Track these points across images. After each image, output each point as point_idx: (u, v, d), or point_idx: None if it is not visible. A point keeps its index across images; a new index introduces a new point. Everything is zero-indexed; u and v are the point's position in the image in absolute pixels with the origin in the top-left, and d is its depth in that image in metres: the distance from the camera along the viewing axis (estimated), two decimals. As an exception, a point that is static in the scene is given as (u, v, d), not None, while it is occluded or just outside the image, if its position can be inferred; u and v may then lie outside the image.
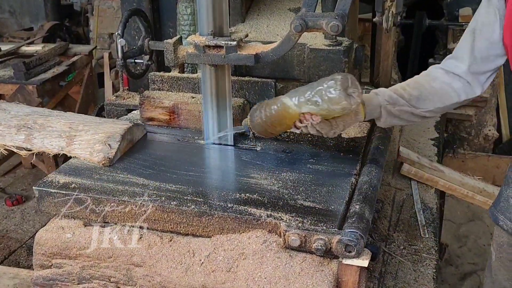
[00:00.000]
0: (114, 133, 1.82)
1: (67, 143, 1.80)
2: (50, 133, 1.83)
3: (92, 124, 1.87)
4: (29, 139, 1.83)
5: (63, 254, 1.60)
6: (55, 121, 1.88)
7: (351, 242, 1.37)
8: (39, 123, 1.87)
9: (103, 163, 1.76)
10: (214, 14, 1.74)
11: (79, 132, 1.83)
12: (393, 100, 1.77)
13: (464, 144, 4.68)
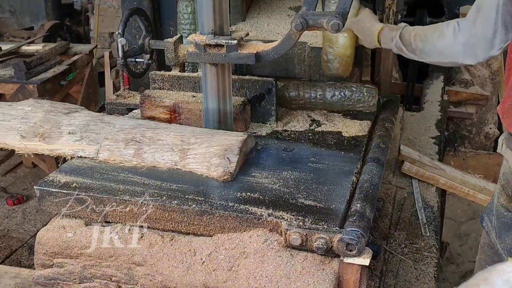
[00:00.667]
0: (230, 145, 1.70)
1: (180, 157, 1.70)
2: (161, 147, 1.73)
3: (204, 136, 1.76)
4: (139, 153, 1.73)
5: (65, 254, 1.60)
6: (164, 133, 1.77)
7: (352, 241, 1.37)
8: (148, 136, 1.76)
9: (224, 178, 1.65)
10: (215, 13, 1.74)
11: (192, 145, 1.72)
12: (399, 48, 1.99)
13: (465, 142, 4.67)
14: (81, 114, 1.93)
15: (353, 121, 2.13)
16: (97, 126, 1.83)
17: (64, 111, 1.92)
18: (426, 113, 3.23)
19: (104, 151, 1.75)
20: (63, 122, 1.86)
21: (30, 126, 1.84)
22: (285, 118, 2.18)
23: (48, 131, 1.82)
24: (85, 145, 1.78)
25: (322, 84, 2.23)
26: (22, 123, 1.86)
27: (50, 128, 1.83)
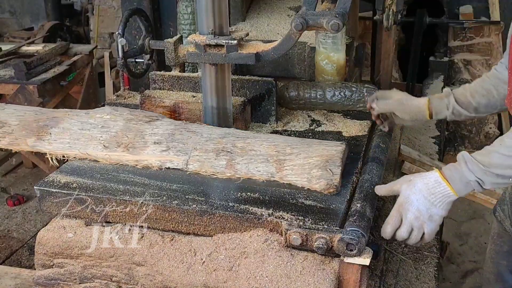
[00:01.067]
0: (331, 156, 1.63)
1: (277, 169, 1.62)
2: (255, 158, 1.65)
3: (300, 146, 1.68)
4: (231, 164, 1.64)
5: (65, 254, 1.60)
6: (256, 143, 1.69)
7: (353, 241, 1.37)
8: (239, 147, 1.68)
9: (329, 191, 1.57)
10: (214, 13, 1.74)
11: (288, 155, 1.64)
12: (457, 113, 1.83)
13: (465, 142, 4.68)
14: (163, 122, 1.83)
15: (353, 121, 2.13)
16: (183, 136, 1.74)
17: (145, 119, 1.83)
18: (426, 113, 3.21)
19: (194, 162, 1.66)
20: (146, 131, 1.77)
21: (112, 136, 1.75)
22: (285, 118, 2.18)
23: (131, 140, 1.74)
24: (173, 155, 1.68)
25: (322, 84, 2.23)
26: (103, 132, 1.77)
27: (134, 137, 1.74)
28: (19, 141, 1.77)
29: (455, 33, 4.50)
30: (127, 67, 2.21)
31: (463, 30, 4.44)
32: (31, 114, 1.89)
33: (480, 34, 4.39)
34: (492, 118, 4.63)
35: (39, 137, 1.78)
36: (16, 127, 1.82)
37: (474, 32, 4.40)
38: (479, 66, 4.47)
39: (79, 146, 1.74)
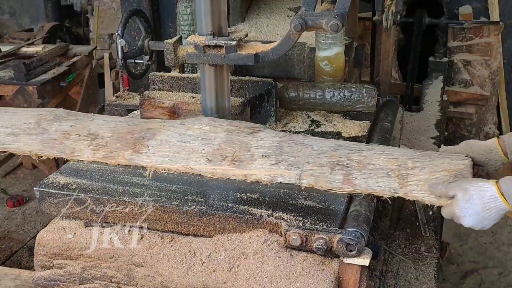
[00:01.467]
0: (459, 170, 1.53)
1: (399, 184, 1.50)
2: (374, 172, 1.54)
3: (422, 160, 1.58)
4: (349, 179, 1.53)
5: (64, 255, 1.60)
6: (373, 156, 1.60)
7: (352, 241, 1.37)
8: (356, 160, 1.58)
9: None
10: (213, 14, 1.74)
11: (411, 170, 1.54)
12: None
13: (465, 143, 4.67)
14: (266, 133, 1.72)
15: (353, 122, 2.13)
16: (292, 148, 1.64)
17: (247, 130, 1.72)
18: (425, 113, 3.23)
19: (307, 176, 1.54)
20: (251, 143, 1.66)
21: (215, 148, 1.64)
22: (285, 118, 2.18)
23: (237, 154, 1.63)
24: (284, 169, 1.57)
25: (321, 85, 2.23)
26: (204, 145, 1.66)
27: (239, 150, 1.64)
28: (114, 154, 1.65)
29: (454, 34, 4.50)
30: (127, 68, 2.21)
31: (462, 30, 4.44)
32: (123, 125, 1.77)
33: (479, 35, 4.39)
34: (492, 118, 4.63)
35: (136, 150, 1.66)
36: (109, 140, 1.70)
37: (474, 33, 4.40)
38: (478, 67, 4.47)
39: (180, 160, 1.61)
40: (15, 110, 1.89)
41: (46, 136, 1.73)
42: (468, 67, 4.50)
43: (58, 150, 1.68)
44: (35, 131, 1.75)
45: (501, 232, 3.93)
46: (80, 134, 1.73)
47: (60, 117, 1.81)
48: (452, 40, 4.52)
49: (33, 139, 1.72)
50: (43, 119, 1.79)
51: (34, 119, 1.80)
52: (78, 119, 1.82)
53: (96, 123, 1.79)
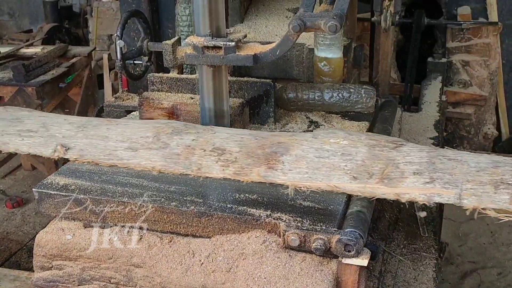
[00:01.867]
0: None
1: None
2: None
3: None
4: None
5: (63, 256, 1.60)
6: None
7: (350, 242, 1.37)
8: None
9: None
10: (211, 15, 1.75)
11: None
12: None
13: (464, 143, 4.68)
14: (410, 148, 1.59)
15: (352, 122, 2.14)
16: (446, 165, 1.50)
17: (390, 145, 1.59)
18: (424, 113, 3.23)
19: (468, 196, 1.43)
20: (398, 159, 1.53)
21: (359, 165, 1.52)
22: (284, 119, 2.18)
23: (386, 171, 1.51)
24: (440, 188, 1.45)
25: (320, 86, 2.23)
26: (346, 160, 1.53)
27: (386, 167, 1.51)
28: (246, 171, 1.56)
29: (453, 34, 4.51)
30: (126, 69, 2.22)
31: (461, 31, 4.45)
32: (250, 138, 1.65)
33: (478, 35, 4.40)
34: (491, 118, 4.64)
35: (270, 166, 1.55)
36: (238, 155, 1.59)
37: (472, 33, 4.41)
38: (477, 67, 4.47)
39: (320, 177, 1.51)
40: (127, 122, 1.78)
41: (168, 151, 1.62)
42: (466, 68, 4.51)
43: (183, 166, 1.59)
44: (154, 145, 1.64)
45: (500, 232, 3.93)
46: (205, 149, 1.60)
47: (179, 130, 1.68)
48: (451, 40, 4.53)
49: (154, 154, 1.62)
50: (162, 132, 1.67)
51: (151, 132, 1.67)
52: (199, 132, 1.68)
53: (219, 136, 1.66)
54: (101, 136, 1.69)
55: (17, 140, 1.75)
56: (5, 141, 1.75)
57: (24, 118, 1.82)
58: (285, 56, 2.30)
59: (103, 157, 1.65)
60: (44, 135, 1.73)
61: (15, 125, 1.79)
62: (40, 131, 1.75)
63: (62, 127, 1.75)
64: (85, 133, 1.71)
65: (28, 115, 1.85)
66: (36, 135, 1.74)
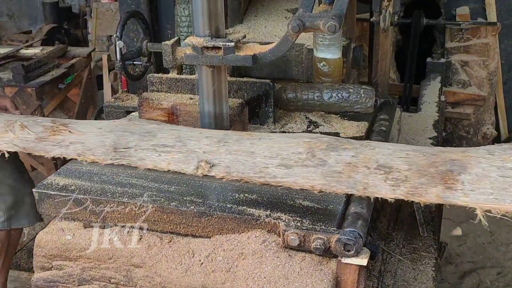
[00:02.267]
0: None
1: None
2: None
3: None
4: None
5: (63, 256, 1.60)
6: None
7: (350, 241, 1.37)
8: None
9: None
10: (210, 15, 1.75)
11: None
12: None
13: (463, 143, 4.69)
14: None
15: (351, 122, 2.14)
16: None
17: None
18: (423, 114, 3.24)
19: None
20: None
21: None
22: (283, 119, 2.19)
23: None
24: None
25: (319, 86, 2.24)
26: None
27: None
28: (420, 191, 1.45)
29: (452, 34, 4.51)
30: (125, 70, 2.22)
31: (460, 31, 4.45)
32: (418, 155, 1.52)
33: (477, 35, 4.41)
34: (490, 118, 4.64)
35: (448, 187, 1.44)
36: (408, 173, 1.47)
37: (471, 33, 4.42)
38: (476, 67, 4.48)
39: (509, 198, 1.40)
40: (271, 136, 1.64)
41: (327, 168, 1.50)
42: (465, 68, 4.52)
43: (346, 186, 1.48)
44: (310, 162, 1.51)
45: (499, 232, 3.94)
46: (368, 166, 1.49)
47: (334, 145, 1.55)
48: (450, 41, 4.53)
49: (311, 172, 1.50)
50: (315, 148, 1.54)
51: (302, 147, 1.55)
52: (357, 148, 1.56)
53: (381, 152, 1.53)
54: (247, 152, 1.58)
55: (154, 156, 1.63)
56: (141, 156, 1.65)
57: (156, 132, 1.70)
58: (284, 56, 2.30)
59: (253, 174, 1.54)
60: (183, 150, 1.62)
61: (148, 139, 1.67)
62: (176, 145, 1.64)
63: (200, 141, 1.63)
64: (228, 148, 1.60)
65: (158, 128, 1.72)
66: (173, 150, 1.63)
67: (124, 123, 1.77)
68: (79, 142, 1.71)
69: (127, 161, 1.66)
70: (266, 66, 2.38)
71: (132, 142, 1.68)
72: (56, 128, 1.76)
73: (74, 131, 1.74)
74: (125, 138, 1.69)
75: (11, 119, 1.82)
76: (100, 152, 1.68)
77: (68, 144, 1.71)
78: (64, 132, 1.75)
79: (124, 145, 1.67)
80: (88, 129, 1.75)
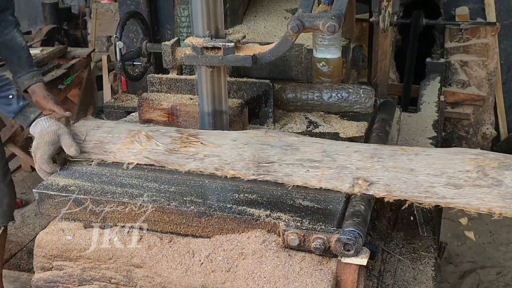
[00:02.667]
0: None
1: None
2: None
3: None
4: None
5: (64, 256, 1.61)
6: None
7: (350, 241, 1.38)
8: None
9: None
10: (209, 16, 1.75)
11: None
12: None
13: (463, 143, 4.69)
14: None
15: (350, 122, 2.14)
16: None
17: None
18: (423, 114, 3.24)
19: None
20: None
21: None
22: (283, 120, 2.19)
23: None
24: None
25: (319, 86, 2.24)
26: None
27: None
28: None
29: (451, 34, 4.51)
30: (125, 70, 2.22)
31: (459, 31, 4.45)
32: None
33: (476, 35, 4.41)
34: (489, 118, 4.64)
35: None
36: None
37: (471, 33, 4.42)
38: (475, 67, 4.48)
39: None
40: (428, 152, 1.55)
41: (505, 189, 1.39)
42: (465, 68, 4.52)
43: None
44: (483, 182, 1.41)
45: (499, 232, 3.94)
46: None
47: (506, 163, 1.44)
48: (449, 41, 4.53)
49: (486, 193, 1.41)
50: (486, 166, 1.44)
51: (470, 165, 1.45)
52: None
53: None
54: (406, 169, 1.50)
55: (301, 171, 1.57)
56: (286, 172, 1.58)
57: (297, 145, 1.62)
58: (284, 56, 2.30)
59: (417, 194, 1.48)
60: (333, 166, 1.55)
61: (292, 153, 1.60)
62: (325, 161, 1.56)
63: (351, 156, 1.56)
64: (383, 165, 1.52)
65: (299, 141, 1.64)
66: (322, 166, 1.56)
67: (260, 135, 1.69)
68: (214, 155, 1.65)
69: (272, 177, 1.60)
70: (265, 66, 2.38)
71: (274, 156, 1.60)
72: (186, 139, 1.70)
73: (207, 142, 1.68)
74: (265, 151, 1.62)
75: (134, 129, 1.79)
76: (240, 166, 1.62)
77: (202, 157, 1.66)
78: (196, 144, 1.68)
79: (266, 159, 1.60)
80: (221, 141, 1.68)
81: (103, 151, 1.78)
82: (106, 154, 1.78)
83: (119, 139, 1.77)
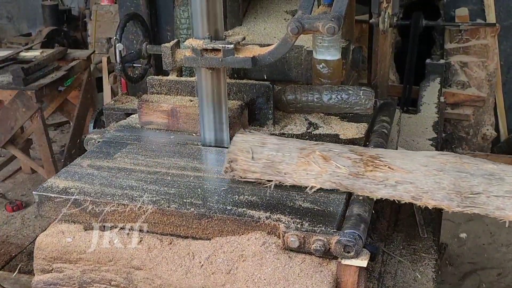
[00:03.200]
0: None
1: None
2: None
3: None
4: None
5: (64, 258, 1.60)
6: None
7: (350, 243, 1.37)
8: None
9: None
10: (209, 18, 1.75)
11: None
12: None
13: (463, 144, 4.69)
14: None
15: (350, 124, 2.14)
16: None
17: None
18: (423, 115, 3.24)
19: None
20: None
21: None
22: (283, 121, 2.19)
23: None
24: None
25: (319, 87, 2.24)
26: None
27: None
28: None
29: (451, 36, 4.52)
30: (125, 72, 2.22)
31: (459, 32, 4.45)
32: None
33: (476, 36, 4.41)
34: (489, 119, 4.64)
35: None
36: None
37: (470, 34, 4.42)
38: (475, 68, 4.48)
39: None
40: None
41: None
42: (465, 69, 4.52)
43: None
44: None
45: (499, 233, 3.94)
46: None
47: None
48: (449, 42, 4.53)
49: None
50: None
51: None
52: None
53: None
54: None
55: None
56: (498, 205, 1.44)
57: (501, 174, 1.49)
58: (283, 58, 2.30)
59: None
60: None
61: (498, 183, 1.48)
62: None
63: None
64: None
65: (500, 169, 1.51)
66: None
67: (452, 160, 1.57)
68: (407, 182, 1.53)
69: (480, 210, 1.46)
70: (265, 68, 2.38)
71: (478, 186, 1.48)
72: (370, 162, 1.58)
73: (395, 167, 1.56)
74: (465, 180, 1.50)
75: (303, 146, 1.65)
76: (441, 196, 1.49)
77: (394, 183, 1.54)
78: (383, 168, 1.57)
79: (470, 190, 1.48)
80: (410, 166, 1.56)
81: (277, 172, 1.63)
82: (281, 176, 1.63)
83: (292, 158, 1.63)
